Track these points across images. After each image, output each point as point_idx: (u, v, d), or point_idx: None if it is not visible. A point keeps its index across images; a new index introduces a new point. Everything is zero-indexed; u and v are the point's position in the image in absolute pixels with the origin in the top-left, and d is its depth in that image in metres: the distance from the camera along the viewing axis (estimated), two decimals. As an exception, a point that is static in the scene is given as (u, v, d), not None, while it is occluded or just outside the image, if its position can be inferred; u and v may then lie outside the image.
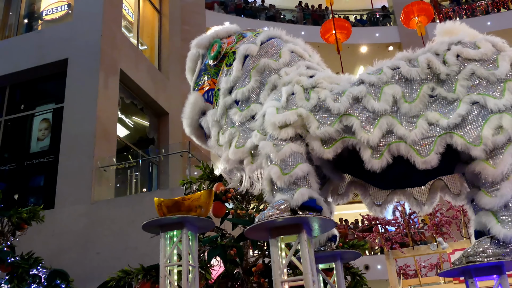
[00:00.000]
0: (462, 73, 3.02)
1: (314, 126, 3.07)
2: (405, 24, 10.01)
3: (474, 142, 2.78)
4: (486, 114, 2.85)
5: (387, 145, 2.94)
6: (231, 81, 3.61)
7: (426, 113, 2.97)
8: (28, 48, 11.38)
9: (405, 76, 3.10)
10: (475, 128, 2.83)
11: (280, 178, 2.93)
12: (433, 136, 2.89)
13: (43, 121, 11.32)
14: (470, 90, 2.96)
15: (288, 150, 3.00)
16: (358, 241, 5.07)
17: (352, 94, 3.11)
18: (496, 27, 19.88)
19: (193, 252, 3.16)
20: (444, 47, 3.16)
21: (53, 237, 8.77)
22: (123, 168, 10.69)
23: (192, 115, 3.83)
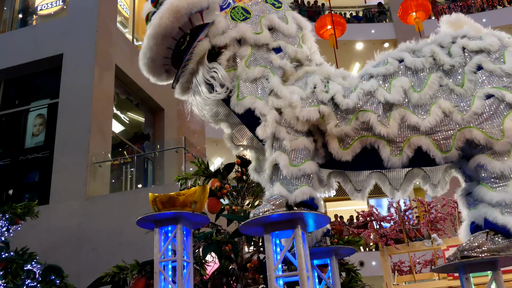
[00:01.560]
0: (469, 65, 3.03)
1: (332, 124, 3.06)
2: (403, 20, 10.00)
3: (496, 136, 2.80)
4: (504, 107, 2.86)
5: (407, 140, 2.95)
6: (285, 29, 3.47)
7: (438, 101, 2.98)
8: (23, 43, 11.32)
9: (409, 67, 3.11)
10: (495, 122, 2.84)
11: (287, 167, 2.91)
12: (451, 130, 2.90)
13: (38, 116, 11.28)
14: (483, 84, 2.96)
15: (301, 143, 2.99)
16: (353, 238, 5.08)
17: (363, 90, 3.11)
18: (491, 24, 19.79)
19: (187, 247, 3.16)
20: (448, 39, 3.18)
21: (47, 232, 8.75)
22: (118, 164, 10.68)
23: (190, 9, 3.21)
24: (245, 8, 3.48)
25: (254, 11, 3.48)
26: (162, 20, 3.26)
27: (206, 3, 3.27)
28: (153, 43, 3.37)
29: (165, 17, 3.24)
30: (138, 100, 12.67)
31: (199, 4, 3.23)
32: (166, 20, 3.24)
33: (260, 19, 3.44)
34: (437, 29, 3.49)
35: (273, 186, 2.95)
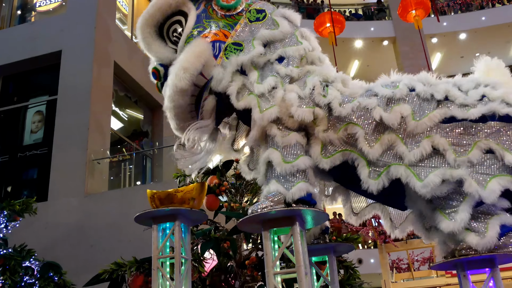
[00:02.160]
0: (485, 107, 2.84)
1: (321, 128, 3.01)
2: (402, 18, 9.98)
3: (480, 186, 2.64)
4: (499, 167, 2.70)
5: (386, 167, 2.85)
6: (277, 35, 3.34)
7: (433, 136, 2.83)
8: (22, 39, 11.31)
9: (419, 94, 2.98)
10: (485, 176, 2.69)
11: (280, 165, 2.86)
12: (437, 166, 2.77)
13: (36, 113, 11.28)
14: (488, 136, 2.79)
15: (293, 139, 2.95)
16: (351, 235, 5.08)
17: (360, 104, 3.02)
18: (490, 22, 19.94)
19: (185, 244, 3.15)
20: (471, 85, 3.02)
21: (46, 229, 8.75)
22: (116, 161, 10.68)
23: (196, 67, 3.17)
24: (236, 42, 3.36)
25: (244, 40, 3.36)
26: (171, 101, 3.31)
27: (200, 65, 3.21)
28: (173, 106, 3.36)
29: (172, 99, 3.29)
30: (136, 97, 12.66)
31: (196, 71, 3.20)
32: (175, 99, 3.29)
33: (252, 42, 3.33)
34: (472, 68, 3.32)
35: (269, 183, 2.91)
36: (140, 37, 3.56)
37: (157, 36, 3.57)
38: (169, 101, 3.30)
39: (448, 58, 21.65)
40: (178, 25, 3.57)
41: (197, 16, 3.49)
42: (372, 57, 21.01)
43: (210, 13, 3.50)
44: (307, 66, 3.33)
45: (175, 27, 3.58)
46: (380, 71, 12.30)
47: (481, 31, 20.15)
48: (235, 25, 3.43)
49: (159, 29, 3.59)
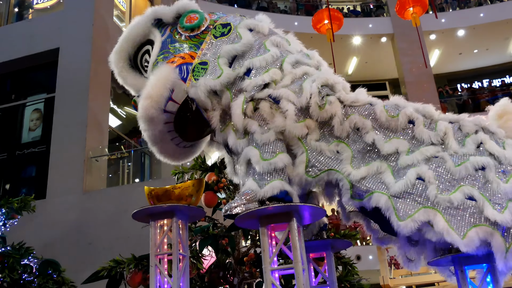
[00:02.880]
0: (475, 159, 2.82)
1: (313, 137, 2.99)
2: (400, 15, 9.97)
3: (458, 234, 2.61)
4: (478, 218, 2.64)
5: (369, 194, 2.81)
6: (239, 48, 3.29)
7: (421, 167, 2.81)
8: (19, 37, 11.29)
9: (416, 137, 2.96)
10: (462, 223, 2.64)
11: (259, 162, 2.86)
12: (418, 203, 2.72)
13: (34, 111, 11.26)
14: (474, 182, 2.75)
15: (272, 135, 2.94)
16: (349, 231, 5.09)
17: (357, 123, 3.01)
18: (489, 18, 19.91)
19: (183, 241, 3.15)
20: (472, 128, 2.98)
21: (44, 227, 8.75)
22: (115, 158, 10.67)
23: (162, 93, 3.15)
24: (202, 61, 3.31)
25: (209, 59, 3.30)
26: (145, 131, 3.34)
27: (165, 91, 3.19)
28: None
29: (145, 129, 3.32)
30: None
31: (161, 97, 3.19)
32: (148, 129, 3.31)
33: (217, 60, 3.27)
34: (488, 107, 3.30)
35: (247, 180, 2.91)
36: (116, 72, 3.61)
37: (131, 68, 3.61)
38: (144, 132, 3.32)
39: (447, 54, 21.62)
40: (147, 54, 3.58)
41: (163, 42, 3.48)
42: (370, 54, 20.97)
43: (175, 37, 3.47)
44: (304, 67, 3.28)
45: (145, 57, 3.59)
46: (378, 68, 12.49)
47: (479, 27, 20.11)
48: (201, 44, 3.39)
49: (134, 61, 3.61)
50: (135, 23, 3.63)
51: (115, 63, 3.59)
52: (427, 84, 19.16)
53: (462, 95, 21.34)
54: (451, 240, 2.61)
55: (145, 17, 3.61)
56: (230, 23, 3.47)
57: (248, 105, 3.07)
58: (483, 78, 23.23)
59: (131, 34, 3.60)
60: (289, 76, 3.19)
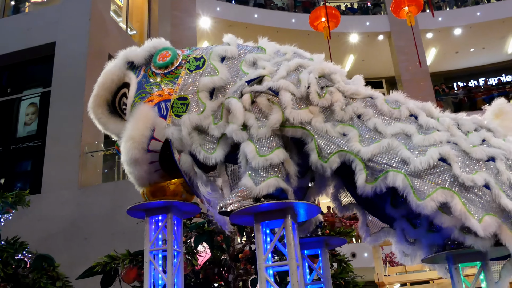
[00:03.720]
0: (487, 149, 2.82)
1: (319, 119, 2.94)
2: (395, 14, 9.99)
3: (476, 218, 2.57)
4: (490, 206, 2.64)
5: (384, 173, 2.72)
6: (217, 81, 3.23)
7: (443, 146, 2.75)
8: (15, 30, 11.22)
9: (421, 124, 2.94)
10: (478, 209, 2.62)
11: (255, 158, 2.81)
12: (436, 184, 2.66)
13: (30, 105, 11.22)
14: (488, 170, 2.75)
15: (269, 130, 2.90)
16: (345, 229, 5.11)
17: (358, 110, 3.00)
18: (485, 17, 19.95)
19: (178, 237, 3.15)
20: (471, 127, 2.99)
21: (39, 222, 8.72)
22: (110, 153, 10.63)
23: (143, 133, 3.12)
24: (180, 96, 3.26)
25: (189, 94, 3.26)
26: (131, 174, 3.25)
27: (147, 130, 3.16)
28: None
29: (130, 172, 3.23)
30: (131, 90, 12.60)
31: (143, 137, 3.16)
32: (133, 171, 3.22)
33: (197, 94, 3.22)
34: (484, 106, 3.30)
35: (243, 176, 2.87)
36: (95, 118, 3.54)
37: (110, 114, 3.56)
38: (130, 175, 3.25)
39: (443, 53, 21.67)
40: (124, 97, 3.54)
41: (138, 83, 3.44)
42: (367, 52, 20.98)
43: (150, 76, 3.45)
44: (297, 59, 3.26)
45: (123, 100, 3.55)
46: (375, 66, 12.51)
47: (476, 26, 20.16)
48: (177, 79, 3.36)
49: (112, 106, 3.58)
50: (108, 68, 3.62)
51: (93, 110, 3.54)
52: (423, 82, 19.20)
53: (458, 93, 21.41)
54: (469, 224, 2.56)
55: (118, 61, 3.59)
56: (203, 55, 3.44)
57: (246, 99, 3.04)
58: (479, 76, 23.30)
59: (106, 79, 3.57)
60: (283, 68, 3.18)
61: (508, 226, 2.60)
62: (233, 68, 3.35)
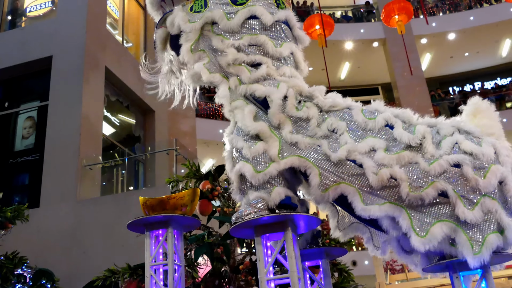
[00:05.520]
0: (450, 157, 2.80)
1: (287, 130, 3.02)
2: (386, 22, 10.04)
3: (418, 231, 2.64)
4: (445, 213, 2.68)
5: (336, 184, 2.84)
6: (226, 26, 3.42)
7: (394, 167, 2.80)
8: (12, 45, 11.24)
9: (395, 138, 2.94)
10: (427, 219, 2.67)
11: (254, 176, 2.87)
12: (384, 199, 2.76)
13: (27, 119, 11.21)
14: (448, 178, 2.75)
15: (261, 148, 2.95)
16: (345, 238, 5.08)
17: (332, 124, 3.03)
18: (479, 22, 20.09)
19: (179, 250, 3.15)
20: (449, 130, 2.96)
21: (38, 236, 8.69)
22: (109, 166, 10.63)
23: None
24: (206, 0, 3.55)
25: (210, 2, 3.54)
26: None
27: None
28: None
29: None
30: (128, 102, 12.62)
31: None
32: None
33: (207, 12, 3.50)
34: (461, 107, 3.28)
35: (248, 194, 2.93)
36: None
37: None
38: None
39: (438, 58, 21.79)
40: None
41: None
42: (362, 59, 21.09)
43: None
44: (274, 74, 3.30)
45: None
46: (371, 72, 12.54)
47: (469, 31, 20.30)
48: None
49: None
50: None
51: None
52: (419, 88, 19.30)
53: (454, 98, 21.50)
54: (412, 240, 2.63)
55: None
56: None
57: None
58: (475, 80, 23.42)
59: None
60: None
61: (464, 229, 2.63)
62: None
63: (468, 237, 2.61)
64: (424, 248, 2.61)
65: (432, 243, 2.60)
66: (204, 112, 18.60)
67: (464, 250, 2.61)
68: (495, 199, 2.69)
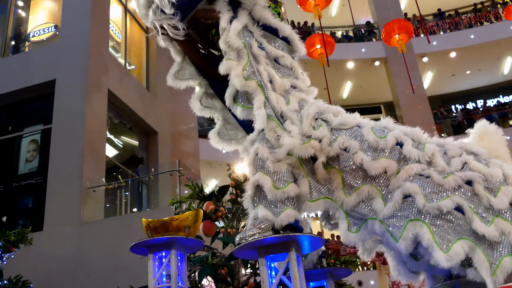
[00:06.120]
0: (460, 173, 2.82)
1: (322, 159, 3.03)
2: (386, 42, 10.12)
3: (441, 245, 2.59)
4: (464, 230, 2.66)
5: (363, 222, 2.89)
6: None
7: (404, 185, 2.81)
8: (15, 69, 11.35)
9: (405, 154, 2.95)
10: (448, 236, 2.63)
11: (272, 191, 2.85)
12: (405, 218, 2.73)
13: (31, 142, 11.26)
14: (462, 194, 2.75)
15: (284, 165, 2.95)
16: (350, 257, 5.07)
17: (344, 143, 3.02)
18: (479, 40, 20.19)
19: (182, 272, 3.13)
20: (457, 152, 2.99)
21: (42, 259, 8.66)
22: (112, 188, 10.62)
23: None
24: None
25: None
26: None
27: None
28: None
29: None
30: (131, 124, 12.68)
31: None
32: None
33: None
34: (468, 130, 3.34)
35: (257, 208, 2.90)
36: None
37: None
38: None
39: (440, 76, 21.85)
40: None
41: None
42: (364, 78, 21.17)
43: None
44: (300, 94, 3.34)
45: None
46: (373, 91, 12.61)
47: (471, 49, 20.38)
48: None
49: None
50: None
51: None
52: (421, 106, 19.31)
53: (456, 116, 21.50)
54: (435, 256, 2.58)
55: None
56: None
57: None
58: (477, 98, 23.44)
59: None
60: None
61: (482, 248, 2.60)
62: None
63: (487, 257, 2.58)
64: (447, 264, 2.56)
65: (455, 260, 2.56)
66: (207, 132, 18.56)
67: (482, 270, 2.57)
68: (508, 220, 2.66)
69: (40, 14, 13.19)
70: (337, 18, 23.18)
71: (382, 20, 18.84)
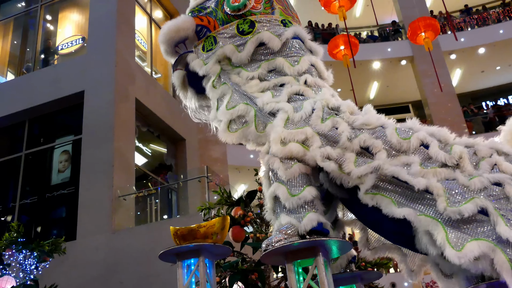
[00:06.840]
0: (490, 176, 2.74)
1: (316, 145, 3.01)
2: (412, 40, 9.96)
3: (454, 246, 2.52)
4: (489, 230, 2.55)
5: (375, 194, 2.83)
6: (238, 59, 3.61)
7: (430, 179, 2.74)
8: (45, 82, 11.61)
9: (431, 156, 2.89)
10: (465, 235, 2.56)
11: (288, 199, 2.85)
12: (420, 212, 2.68)
13: (63, 153, 11.48)
14: (489, 196, 2.66)
15: (297, 170, 2.93)
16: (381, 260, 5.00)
17: (365, 142, 2.98)
18: (509, 35, 19.73)
19: (211, 279, 3.14)
20: (487, 152, 2.91)
21: (75, 268, 8.81)
22: (142, 196, 10.75)
23: (172, 37, 3.84)
24: (215, 39, 3.75)
25: (218, 43, 3.73)
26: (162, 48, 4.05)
27: (177, 37, 3.85)
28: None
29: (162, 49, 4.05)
30: (159, 132, 12.81)
31: (172, 41, 3.90)
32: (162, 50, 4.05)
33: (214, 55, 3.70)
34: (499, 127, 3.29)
35: (279, 217, 2.90)
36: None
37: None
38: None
39: (469, 73, 21.44)
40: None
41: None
42: (391, 78, 20.93)
43: (219, 3, 3.84)
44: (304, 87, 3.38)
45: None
46: (400, 90, 12.46)
47: (500, 44, 19.93)
48: (227, 23, 3.75)
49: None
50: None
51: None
52: (450, 104, 18.96)
53: (488, 112, 21.04)
54: (445, 253, 2.52)
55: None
56: (255, 26, 3.69)
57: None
58: (508, 94, 22.91)
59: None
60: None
61: (504, 250, 2.50)
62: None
63: (508, 258, 2.49)
64: (459, 261, 2.49)
65: (467, 258, 2.48)
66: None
67: (503, 271, 2.49)
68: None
69: (68, 27, 13.48)
70: (361, 19, 23.00)
71: (408, 18, 18.58)
